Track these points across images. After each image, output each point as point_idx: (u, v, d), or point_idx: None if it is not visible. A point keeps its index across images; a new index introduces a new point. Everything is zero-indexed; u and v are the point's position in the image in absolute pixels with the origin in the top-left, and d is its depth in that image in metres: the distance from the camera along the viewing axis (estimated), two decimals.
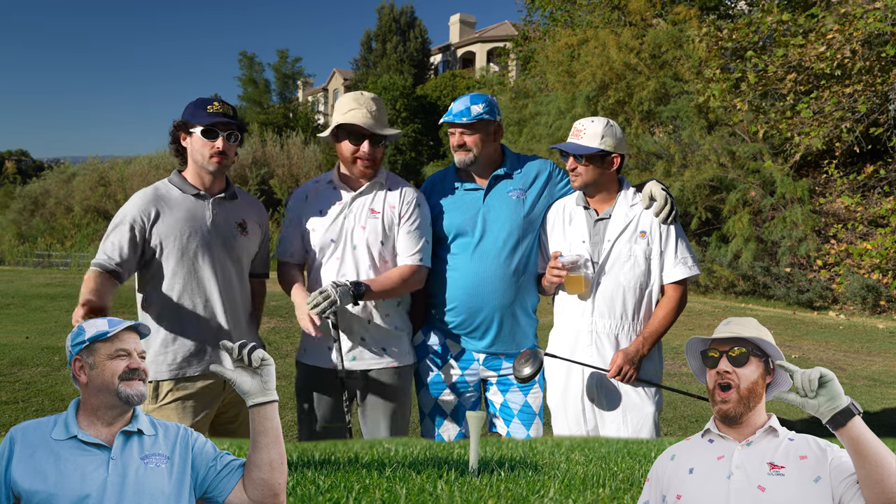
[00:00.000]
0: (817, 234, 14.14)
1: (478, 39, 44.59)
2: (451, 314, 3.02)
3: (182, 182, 2.74)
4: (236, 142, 2.73)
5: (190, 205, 2.70)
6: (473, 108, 2.94)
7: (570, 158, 2.88)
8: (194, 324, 2.67)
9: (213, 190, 2.77)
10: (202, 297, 2.68)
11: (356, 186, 2.93)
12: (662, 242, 2.87)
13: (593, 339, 2.86)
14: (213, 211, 2.73)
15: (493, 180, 3.05)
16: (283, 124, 38.78)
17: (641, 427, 2.82)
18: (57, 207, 33.84)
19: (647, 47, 17.51)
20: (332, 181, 2.98)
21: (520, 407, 3.07)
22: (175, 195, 2.71)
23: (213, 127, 2.64)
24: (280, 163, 32.37)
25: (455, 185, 3.10)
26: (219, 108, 2.67)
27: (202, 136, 2.66)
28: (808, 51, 12.15)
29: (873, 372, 7.86)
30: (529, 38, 25.79)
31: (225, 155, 2.69)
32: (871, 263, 12.66)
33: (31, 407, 5.74)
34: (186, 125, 2.69)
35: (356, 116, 2.82)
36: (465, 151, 2.98)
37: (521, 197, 3.03)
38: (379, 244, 2.87)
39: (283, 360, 7.45)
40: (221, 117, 2.65)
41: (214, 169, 2.70)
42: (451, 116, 2.96)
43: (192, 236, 2.66)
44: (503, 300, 2.97)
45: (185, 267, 2.65)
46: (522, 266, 3.00)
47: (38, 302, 12.44)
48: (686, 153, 15.59)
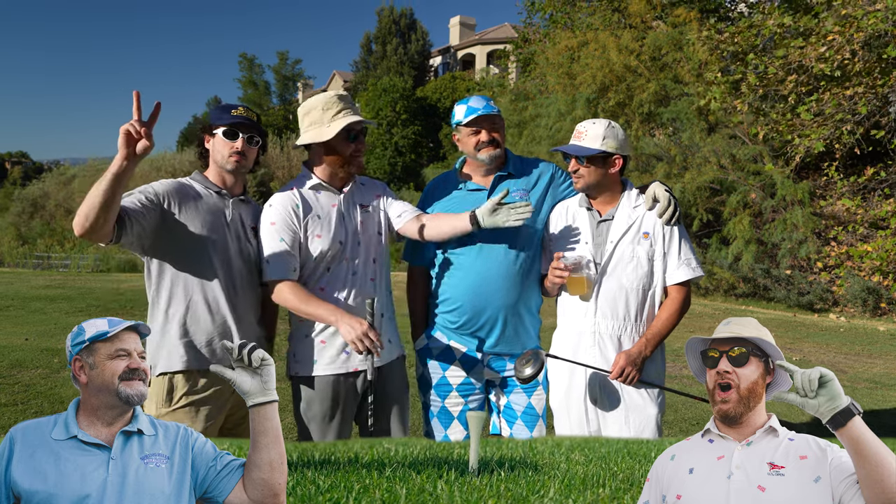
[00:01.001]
0: (818, 236, 14.13)
1: (478, 42, 44.65)
2: (456, 314, 3.02)
3: (204, 180, 2.82)
4: (256, 146, 2.83)
5: (211, 201, 2.77)
6: (491, 104, 3.03)
7: (573, 160, 2.88)
8: (205, 319, 2.69)
9: (234, 191, 2.85)
10: (212, 293, 2.70)
11: (341, 185, 2.95)
12: (666, 244, 2.86)
13: (596, 341, 2.85)
14: (232, 211, 2.80)
15: (497, 180, 3.06)
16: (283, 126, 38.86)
17: (644, 429, 2.82)
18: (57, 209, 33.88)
19: (648, 50, 17.52)
20: (316, 185, 2.91)
21: (523, 409, 3.07)
22: (199, 189, 2.78)
23: (235, 128, 2.74)
24: (280, 165, 32.45)
25: (458, 186, 3.12)
26: (242, 112, 2.78)
27: (223, 137, 2.75)
28: (808, 52, 12.15)
29: (874, 374, 7.85)
30: (529, 41, 25.83)
31: (244, 156, 2.78)
32: (872, 266, 12.65)
33: (30, 409, 5.73)
34: (210, 127, 2.79)
35: (352, 116, 2.84)
36: (494, 146, 3.00)
37: (524, 197, 3.04)
38: (378, 235, 2.96)
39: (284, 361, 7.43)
40: (244, 120, 2.76)
41: (233, 168, 2.77)
42: (482, 109, 2.97)
43: (211, 230, 2.71)
44: (508, 299, 2.97)
45: (201, 260, 2.68)
46: (527, 266, 3.00)
47: (38, 304, 12.43)
48: (686, 155, 15.59)
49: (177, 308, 2.68)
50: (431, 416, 3.14)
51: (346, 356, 2.84)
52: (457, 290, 3.01)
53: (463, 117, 3.00)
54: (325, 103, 2.85)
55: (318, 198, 2.91)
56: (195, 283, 2.68)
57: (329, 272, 2.85)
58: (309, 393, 2.89)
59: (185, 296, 2.68)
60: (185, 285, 2.68)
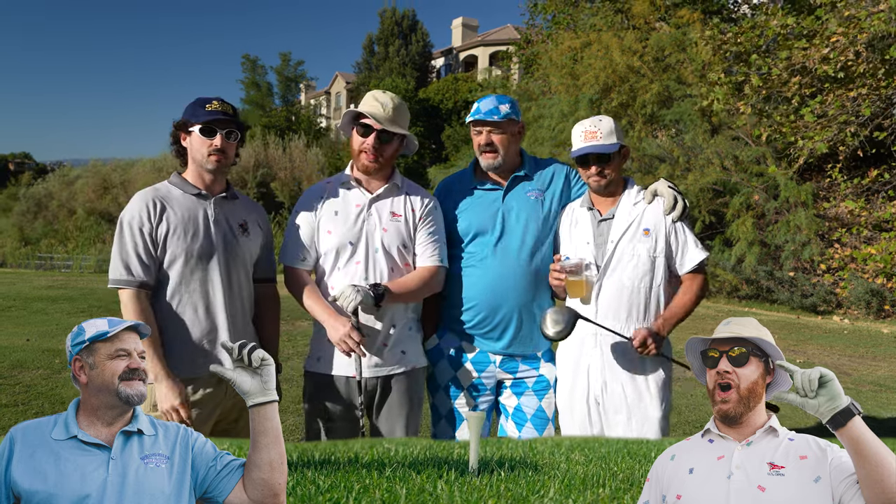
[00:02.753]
0: (821, 238, 14.10)
1: (480, 43, 44.66)
2: (470, 313, 2.99)
3: (182, 182, 2.72)
4: (236, 140, 2.71)
5: (191, 204, 2.68)
6: (502, 108, 2.94)
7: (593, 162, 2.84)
8: (195, 325, 2.64)
9: (214, 190, 2.75)
10: (203, 298, 2.65)
11: (373, 188, 2.89)
12: (672, 238, 2.85)
13: (598, 342, 2.83)
14: (214, 210, 2.71)
15: (513, 181, 3.05)
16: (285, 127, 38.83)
17: (647, 431, 2.80)
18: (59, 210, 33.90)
19: (651, 50, 17.52)
20: (347, 182, 2.91)
21: (533, 412, 3.04)
22: (176, 195, 2.69)
23: (212, 125, 2.63)
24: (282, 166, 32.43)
25: (474, 186, 3.09)
26: (217, 106, 2.66)
27: (200, 135, 2.64)
28: (811, 53, 12.13)
29: (879, 377, 7.82)
30: (532, 42, 25.82)
31: (224, 153, 2.67)
32: (876, 268, 12.62)
33: (30, 409, 5.73)
34: (186, 124, 2.68)
35: (370, 108, 2.82)
36: (492, 154, 2.96)
37: (539, 198, 3.03)
38: (402, 247, 2.85)
39: (285, 362, 7.40)
40: (220, 115, 2.64)
41: (213, 167, 2.67)
42: (481, 114, 2.93)
43: (194, 236, 2.64)
44: (523, 298, 2.95)
45: (187, 266, 2.63)
46: (542, 266, 2.98)
47: (40, 304, 12.44)
48: (689, 157, 15.57)
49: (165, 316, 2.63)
50: (440, 417, 3.11)
51: (349, 359, 2.79)
52: (472, 288, 2.98)
53: (470, 116, 2.99)
54: (367, 97, 2.88)
55: (346, 195, 2.89)
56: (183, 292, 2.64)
57: (339, 270, 2.82)
58: (311, 388, 2.89)
59: (174, 305, 2.63)
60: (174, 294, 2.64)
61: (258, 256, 2.87)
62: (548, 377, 3.06)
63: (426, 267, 2.89)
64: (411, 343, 2.92)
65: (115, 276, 2.58)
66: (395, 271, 2.84)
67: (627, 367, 2.81)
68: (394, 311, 2.84)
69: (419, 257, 2.90)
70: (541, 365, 3.08)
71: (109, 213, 31.33)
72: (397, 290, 2.76)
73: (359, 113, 2.83)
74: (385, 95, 2.86)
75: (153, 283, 2.61)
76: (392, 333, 2.83)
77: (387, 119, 2.80)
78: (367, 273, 2.79)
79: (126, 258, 2.58)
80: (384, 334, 2.82)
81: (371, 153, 2.82)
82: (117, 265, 2.59)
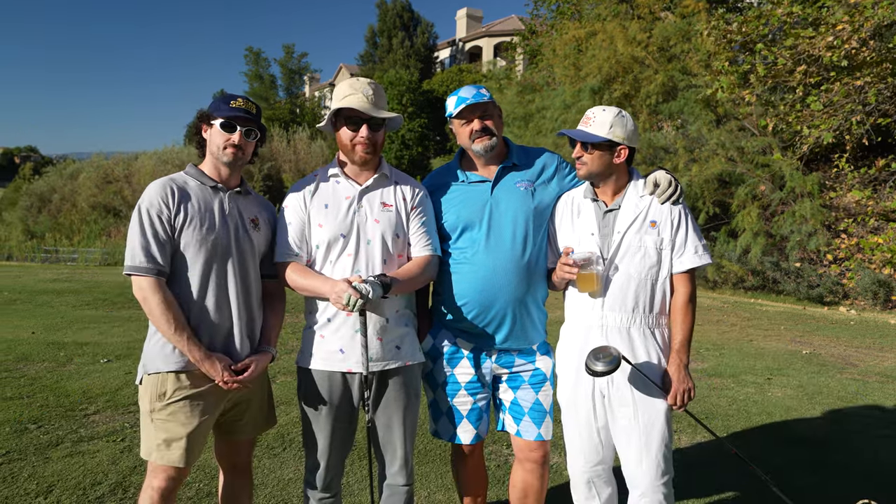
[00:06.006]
0: (827, 228, 14.02)
1: (485, 34, 44.51)
2: (464, 309, 2.95)
3: (199, 174, 2.75)
4: (254, 139, 2.77)
5: (207, 196, 2.70)
6: (483, 92, 2.95)
7: (577, 146, 2.82)
8: (207, 316, 2.63)
9: (230, 184, 2.77)
10: (215, 289, 2.64)
11: (362, 180, 2.87)
12: (673, 231, 2.80)
13: (604, 334, 2.80)
14: (229, 204, 2.73)
15: (501, 171, 3.00)
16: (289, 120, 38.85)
17: (653, 423, 2.75)
18: (63, 204, 33.94)
19: (656, 40, 17.41)
20: (335, 175, 2.88)
21: (531, 405, 3.02)
22: (192, 185, 2.71)
23: (232, 120, 2.68)
24: (287, 158, 32.46)
25: (461, 179, 3.04)
26: (241, 104, 2.71)
27: (220, 129, 2.69)
28: (817, 41, 12.03)
29: (886, 368, 7.77)
30: (536, 33, 25.72)
31: (240, 149, 2.71)
32: (883, 258, 12.55)
33: (35, 403, 5.70)
34: (209, 116, 2.73)
35: (352, 101, 2.77)
36: (487, 136, 2.94)
37: (529, 188, 2.98)
38: (394, 237, 2.81)
39: (289, 355, 7.42)
40: (242, 113, 2.69)
41: (229, 160, 2.70)
42: (471, 99, 2.91)
43: (210, 227, 2.65)
44: (516, 293, 2.92)
45: (201, 257, 2.62)
46: (534, 258, 2.95)
47: (45, 297, 12.46)
48: (694, 147, 15.49)
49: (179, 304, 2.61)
50: (440, 415, 3.09)
51: (342, 354, 2.76)
52: (465, 284, 2.94)
53: (454, 108, 2.94)
54: (338, 89, 2.83)
55: (335, 188, 2.86)
56: (196, 282, 2.62)
57: (332, 264, 2.78)
58: (305, 384, 2.85)
59: (187, 296, 2.61)
60: (187, 285, 2.61)
61: (265, 253, 2.86)
62: (544, 370, 3.04)
63: (422, 256, 2.86)
64: (406, 338, 2.88)
65: (135, 262, 2.54)
66: (389, 262, 2.80)
67: (634, 358, 2.77)
68: (388, 305, 2.80)
69: (413, 247, 2.88)
70: (536, 358, 3.05)
71: (114, 207, 31.39)
72: (402, 278, 2.74)
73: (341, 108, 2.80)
74: (360, 83, 2.83)
75: (168, 271, 2.59)
76: (387, 328, 2.80)
77: (372, 107, 2.78)
78: (360, 264, 2.75)
79: (146, 245, 2.55)
80: (379, 328, 2.78)
81: (365, 143, 2.80)
82: (137, 252, 2.55)
